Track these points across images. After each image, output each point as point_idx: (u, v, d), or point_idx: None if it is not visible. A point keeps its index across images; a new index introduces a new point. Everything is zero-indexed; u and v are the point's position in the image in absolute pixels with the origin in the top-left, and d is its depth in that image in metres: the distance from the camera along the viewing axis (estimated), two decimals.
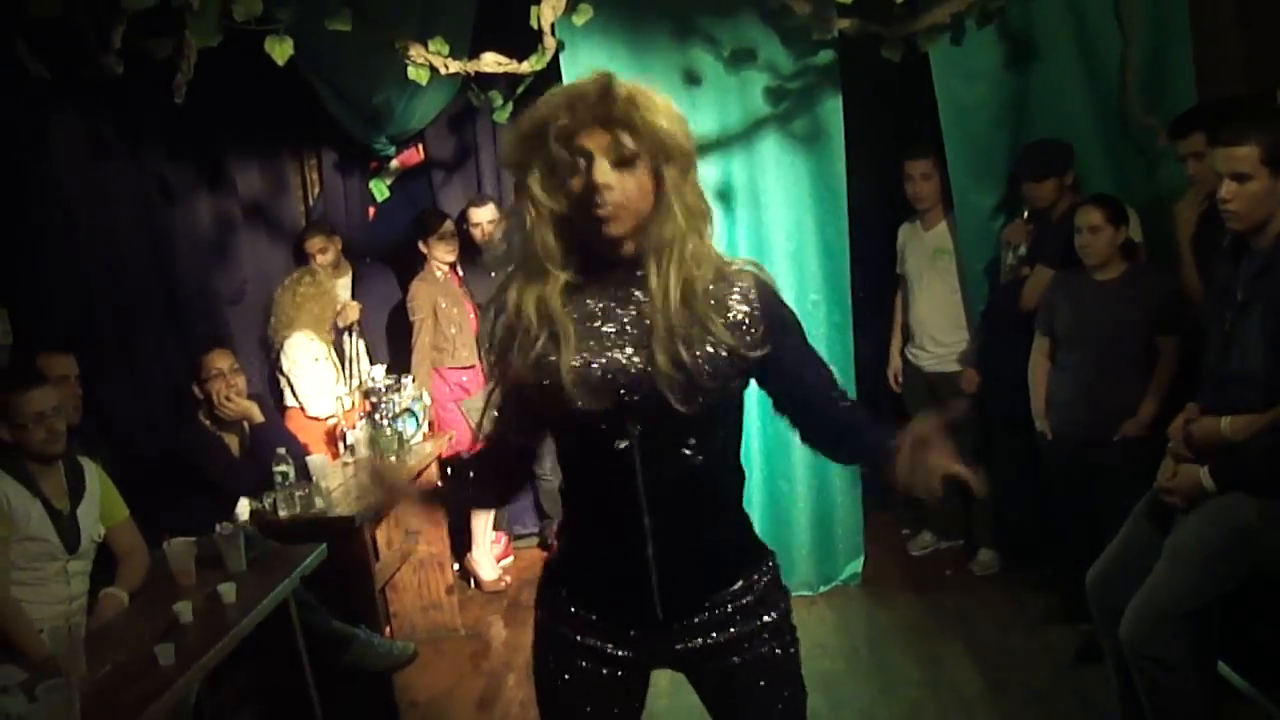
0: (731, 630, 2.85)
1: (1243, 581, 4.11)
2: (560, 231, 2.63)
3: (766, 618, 2.88)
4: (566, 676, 2.90)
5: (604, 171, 2.52)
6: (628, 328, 2.65)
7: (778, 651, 2.89)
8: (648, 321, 2.63)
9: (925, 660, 5.91)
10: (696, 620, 2.84)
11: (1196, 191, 5.29)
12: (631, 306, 2.66)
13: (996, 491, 6.81)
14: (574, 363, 2.61)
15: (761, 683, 2.87)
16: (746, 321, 2.68)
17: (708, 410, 2.66)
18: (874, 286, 7.33)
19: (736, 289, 2.70)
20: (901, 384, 7.34)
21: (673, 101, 2.62)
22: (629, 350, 2.63)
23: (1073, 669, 5.52)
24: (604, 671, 2.90)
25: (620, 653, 2.88)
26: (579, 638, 2.88)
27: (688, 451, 2.70)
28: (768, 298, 2.74)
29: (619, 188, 2.54)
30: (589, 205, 2.54)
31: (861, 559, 7.01)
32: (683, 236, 2.61)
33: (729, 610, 2.85)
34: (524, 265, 2.67)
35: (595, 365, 2.63)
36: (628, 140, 2.54)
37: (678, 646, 2.86)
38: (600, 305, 2.68)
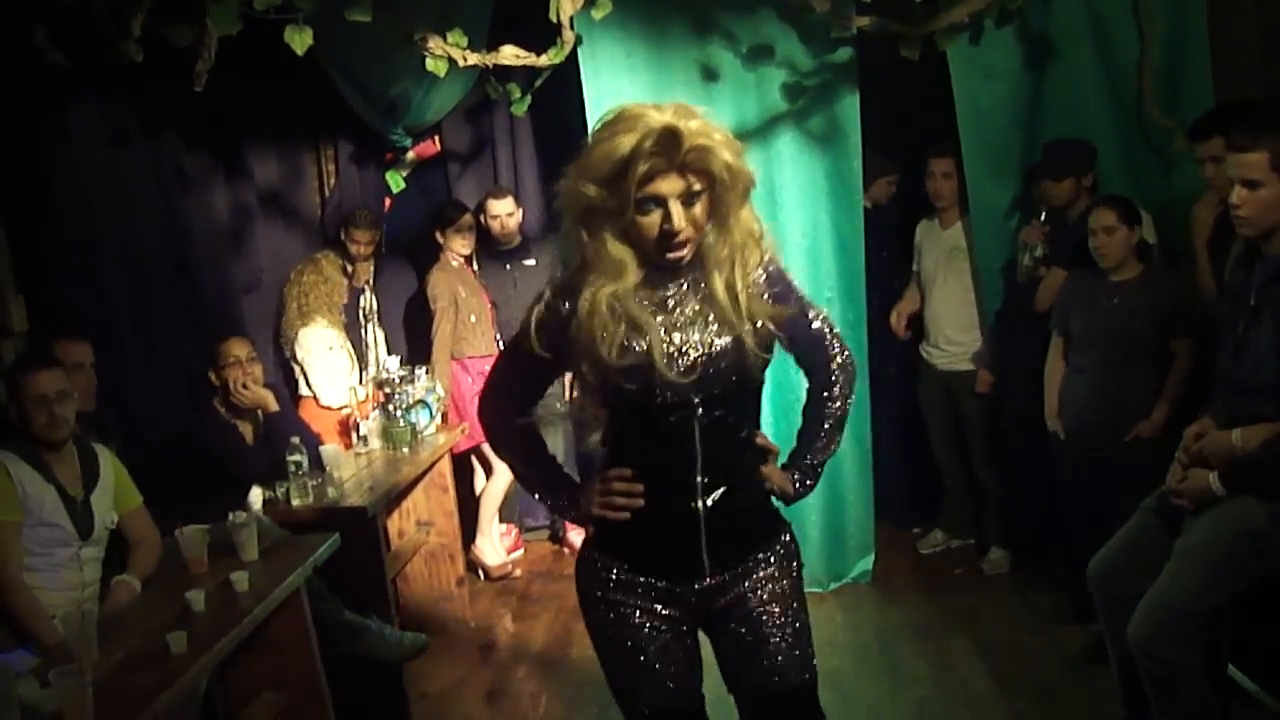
0: (758, 584, 3.23)
1: (1253, 585, 4.11)
2: (628, 241, 2.95)
3: (787, 564, 3.29)
4: (621, 639, 3.26)
5: (679, 216, 2.86)
6: (694, 315, 3.03)
7: (784, 585, 3.27)
8: (712, 310, 3.03)
9: (934, 658, 5.91)
10: (735, 573, 3.21)
11: (1213, 194, 5.28)
12: (694, 299, 3.05)
13: (1008, 491, 6.83)
14: (662, 349, 2.98)
15: (766, 612, 3.23)
16: (770, 300, 3.12)
17: (755, 380, 3.14)
18: (889, 285, 7.32)
19: (763, 286, 3.12)
20: (915, 381, 7.34)
21: (729, 133, 2.92)
22: (700, 333, 3.02)
23: (1082, 668, 5.52)
24: (655, 628, 3.22)
25: (667, 611, 3.22)
26: (629, 601, 3.22)
27: (732, 418, 3.11)
28: (776, 275, 3.20)
29: (687, 228, 2.89)
30: (662, 241, 2.90)
31: (872, 557, 7.01)
32: (740, 253, 3.03)
33: (760, 566, 3.25)
34: (594, 270, 2.97)
35: (679, 348, 3.01)
36: (697, 183, 2.87)
37: (719, 602, 3.22)
38: (669, 299, 3.04)
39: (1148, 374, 5.54)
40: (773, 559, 3.26)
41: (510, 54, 5.85)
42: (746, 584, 3.22)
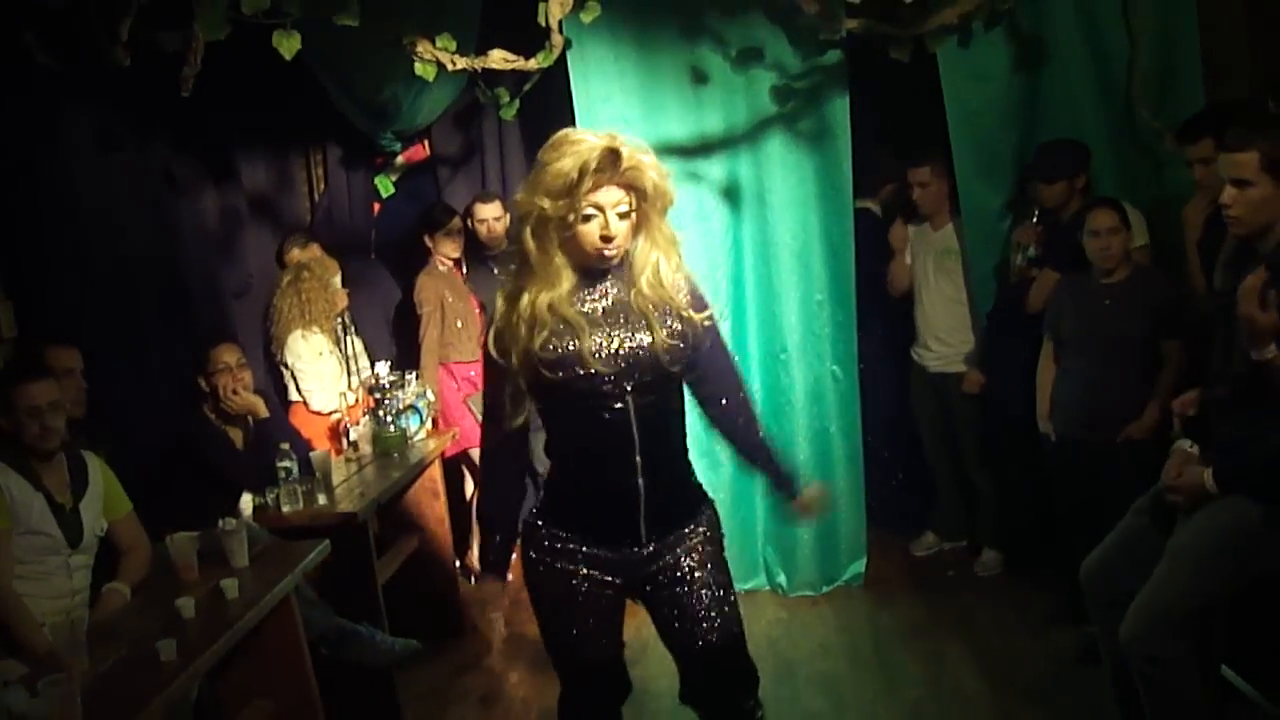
0: (689, 550, 3.73)
1: (1246, 585, 4.11)
2: (565, 252, 3.47)
3: (711, 535, 3.80)
4: (565, 599, 3.74)
5: (615, 225, 3.41)
6: (621, 317, 3.53)
7: (710, 550, 3.78)
8: (637, 311, 3.52)
9: (928, 661, 5.91)
10: (667, 542, 3.69)
11: (1203, 195, 5.30)
12: (619, 302, 3.55)
13: (1000, 492, 6.84)
14: (590, 346, 3.45)
15: (699, 573, 3.73)
16: (689, 314, 3.60)
17: (679, 370, 3.60)
18: (879, 287, 7.31)
19: (684, 291, 3.63)
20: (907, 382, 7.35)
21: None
22: (626, 332, 3.51)
23: (1075, 670, 5.51)
24: (596, 591, 3.71)
25: (607, 577, 3.70)
26: (572, 566, 3.71)
27: (661, 404, 3.60)
28: (698, 301, 3.67)
29: (621, 234, 3.44)
30: (598, 245, 3.42)
31: (864, 560, 7.02)
32: (661, 257, 3.55)
33: (689, 538, 3.74)
34: (536, 277, 3.48)
35: (603, 345, 3.48)
36: (630, 197, 3.43)
37: (653, 567, 3.70)
38: (598, 303, 3.55)
39: (1138, 375, 5.55)
40: (700, 529, 3.75)
41: (499, 58, 5.84)
42: (679, 550, 3.69)
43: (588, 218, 3.40)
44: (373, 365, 7.37)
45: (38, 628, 4.30)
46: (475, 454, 7.40)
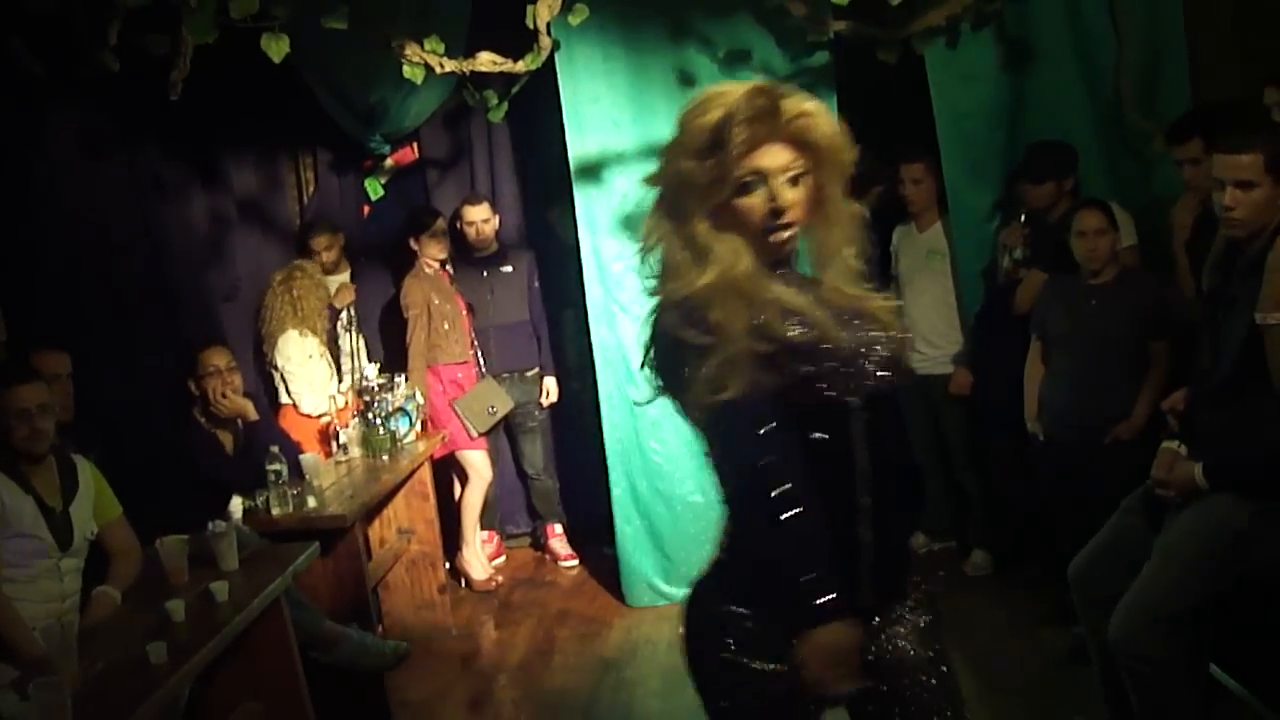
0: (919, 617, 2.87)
1: (1235, 583, 4.11)
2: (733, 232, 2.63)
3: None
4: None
5: (784, 193, 2.59)
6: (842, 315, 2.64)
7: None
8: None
9: None
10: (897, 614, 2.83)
11: (1191, 196, 5.31)
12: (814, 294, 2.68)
13: (989, 493, 6.84)
14: (844, 342, 2.60)
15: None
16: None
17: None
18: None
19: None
20: None
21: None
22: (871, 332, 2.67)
23: (1065, 669, 5.51)
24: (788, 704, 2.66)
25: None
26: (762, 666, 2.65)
27: (894, 427, 2.75)
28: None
29: (797, 206, 2.62)
30: (765, 222, 2.61)
31: None
32: (847, 242, 2.72)
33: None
34: (714, 260, 2.57)
35: (851, 344, 2.61)
36: (800, 159, 2.61)
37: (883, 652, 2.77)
38: (806, 294, 2.64)
39: (1126, 376, 5.56)
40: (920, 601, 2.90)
41: (487, 60, 5.85)
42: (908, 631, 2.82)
43: (746, 186, 2.58)
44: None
45: (28, 631, 4.30)
46: (463, 456, 7.42)
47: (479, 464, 7.49)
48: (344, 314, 7.65)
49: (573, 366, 7.98)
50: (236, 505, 5.62)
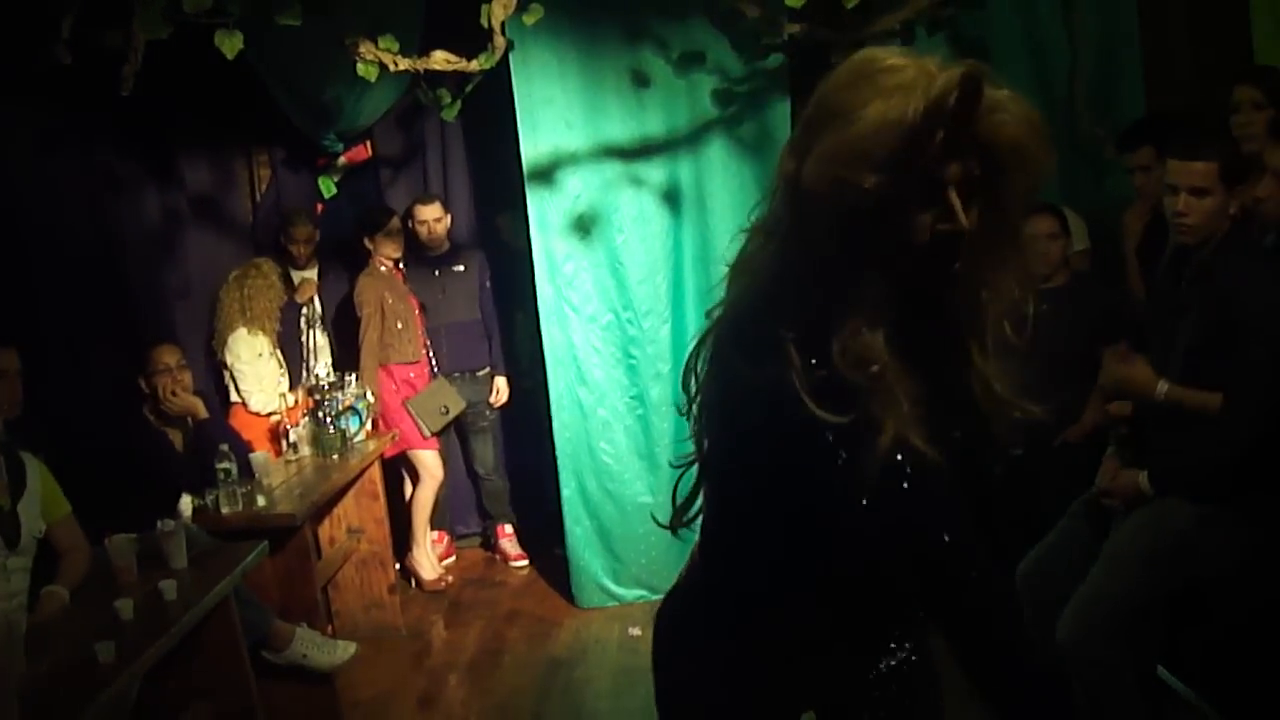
0: None
1: (1182, 586, 4.15)
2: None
3: None
4: None
5: (967, 215, 1.92)
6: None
7: None
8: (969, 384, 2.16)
9: None
10: None
11: (1143, 202, 5.35)
12: (952, 366, 2.12)
13: None
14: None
15: None
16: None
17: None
18: None
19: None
20: None
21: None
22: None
23: None
24: None
25: None
26: None
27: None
28: None
29: (969, 224, 1.93)
30: (937, 252, 1.95)
31: None
32: (1022, 283, 2.08)
33: None
34: (855, 313, 1.93)
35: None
36: (982, 166, 1.93)
37: None
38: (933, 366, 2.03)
39: (1076, 380, 5.59)
40: None
41: (441, 59, 5.83)
42: None
43: (929, 200, 1.91)
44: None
45: None
46: (415, 455, 7.41)
47: (430, 464, 7.48)
48: (305, 310, 7.61)
49: (524, 367, 7.97)
50: (186, 504, 5.60)
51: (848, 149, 1.88)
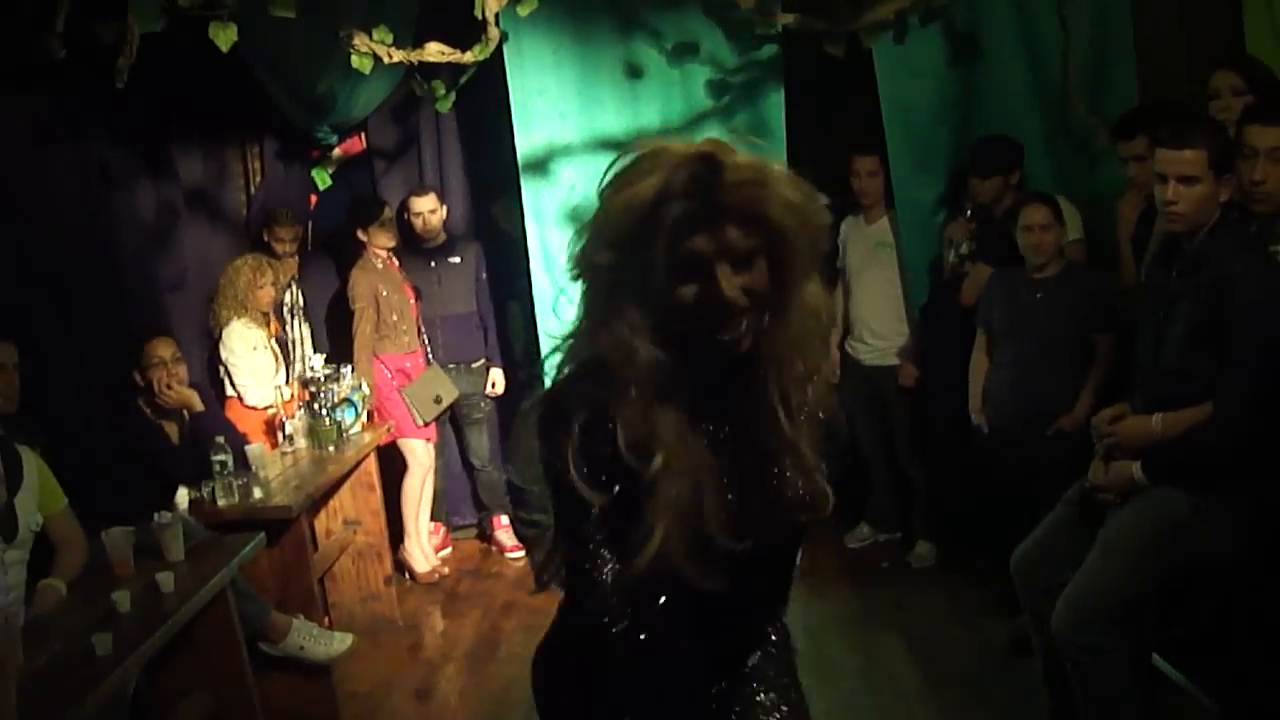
0: None
1: (1176, 575, 4.16)
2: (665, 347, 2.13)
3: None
4: None
5: (731, 283, 2.06)
6: (728, 452, 2.22)
7: None
8: (745, 446, 2.22)
9: (862, 651, 5.95)
10: None
11: (1136, 191, 5.35)
12: (728, 426, 2.23)
13: (934, 485, 6.89)
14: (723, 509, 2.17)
15: None
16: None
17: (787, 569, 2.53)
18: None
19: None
20: (840, 377, 7.36)
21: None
22: (763, 474, 2.25)
23: (1007, 660, 5.56)
24: None
25: None
26: None
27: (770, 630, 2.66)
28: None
29: (742, 295, 2.07)
30: (708, 318, 2.09)
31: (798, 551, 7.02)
32: (802, 348, 2.20)
33: None
34: (633, 386, 2.10)
35: (734, 505, 2.20)
36: (750, 238, 2.07)
37: None
38: (719, 430, 2.21)
39: (1069, 369, 5.62)
40: None
41: (435, 51, 5.85)
42: None
43: (684, 273, 2.07)
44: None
45: None
46: (405, 444, 7.42)
47: (420, 453, 7.49)
48: (289, 299, 7.62)
49: (519, 358, 7.97)
50: (182, 496, 5.61)
51: (595, 232, 2.12)
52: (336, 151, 8.05)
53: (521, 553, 7.82)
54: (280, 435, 6.83)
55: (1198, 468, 4.04)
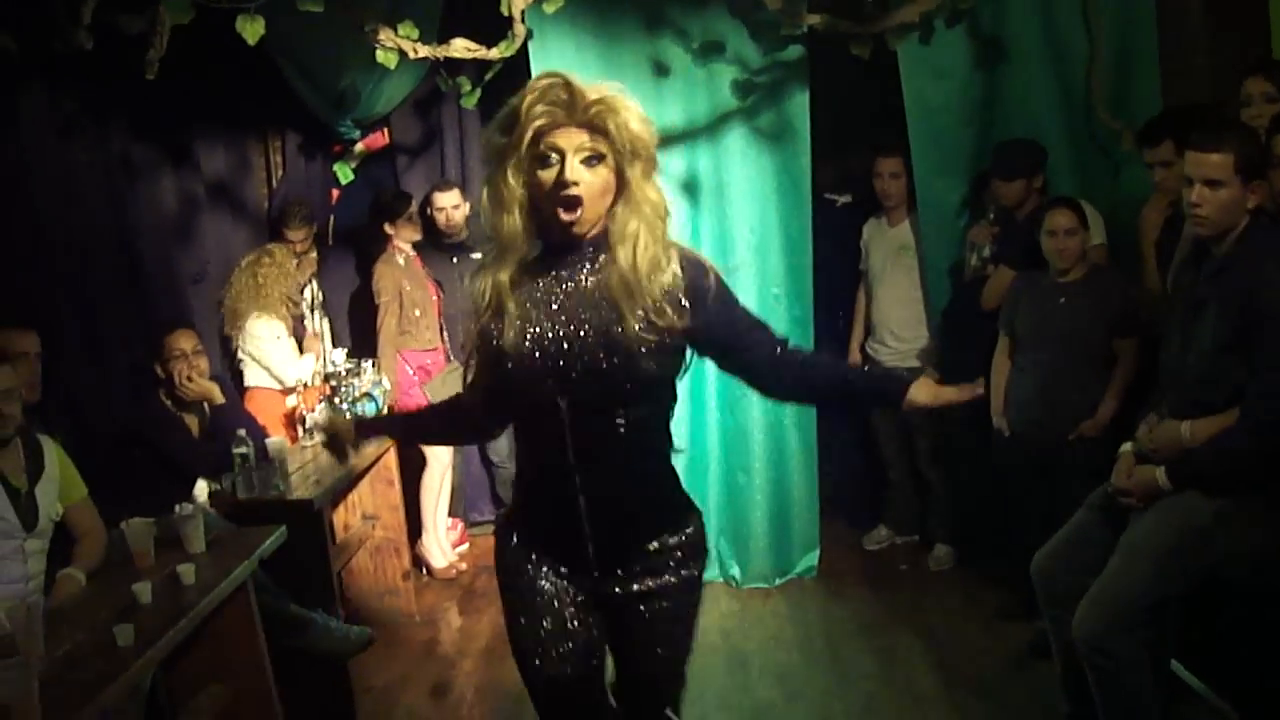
0: (655, 580, 3.22)
1: (1197, 581, 4.15)
2: (526, 217, 2.99)
3: (685, 572, 3.26)
4: (525, 607, 3.26)
5: (574, 169, 2.88)
6: (568, 304, 3.01)
7: (684, 600, 3.30)
8: (587, 298, 3.00)
9: (880, 654, 5.94)
10: (626, 570, 3.21)
11: (1161, 196, 5.33)
12: (573, 285, 3.03)
13: (953, 487, 6.88)
14: (511, 334, 3.00)
15: (661, 626, 3.27)
16: (677, 295, 3.01)
17: (638, 381, 3.00)
18: (837, 283, 7.32)
19: (669, 269, 3.02)
20: None
21: (640, 104, 2.96)
22: (586, 323, 2.98)
23: (1026, 664, 5.55)
24: (557, 598, 3.24)
25: (570, 587, 3.25)
26: (532, 572, 3.25)
27: (617, 420, 3.04)
28: (691, 270, 3.08)
29: (584, 183, 2.90)
30: (556, 197, 2.90)
31: (817, 552, 7.04)
32: (645, 229, 2.98)
33: (656, 562, 3.22)
34: (492, 246, 3.06)
35: (542, 335, 3.00)
36: (597, 141, 2.91)
37: (612, 590, 3.23)
38: (547, 283, 3.04)
39: (1092, 373, 5.60)
40: (671, 563, 3.24)
41: (461, 47, 5.84)
42: (637, 588, 3.23)
43: (543, 160, 2.90)
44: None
45: None
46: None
47: (437, 448, 7.48)
48: (308, 294, 7.63)
49: None
50: (202, 489, 5.61)
51: (494, 123, 3.00)
52: (359, 146, 8.06)
53: None
54: (300, 429, 6.83)
55: (1222, 473, 4.03)
